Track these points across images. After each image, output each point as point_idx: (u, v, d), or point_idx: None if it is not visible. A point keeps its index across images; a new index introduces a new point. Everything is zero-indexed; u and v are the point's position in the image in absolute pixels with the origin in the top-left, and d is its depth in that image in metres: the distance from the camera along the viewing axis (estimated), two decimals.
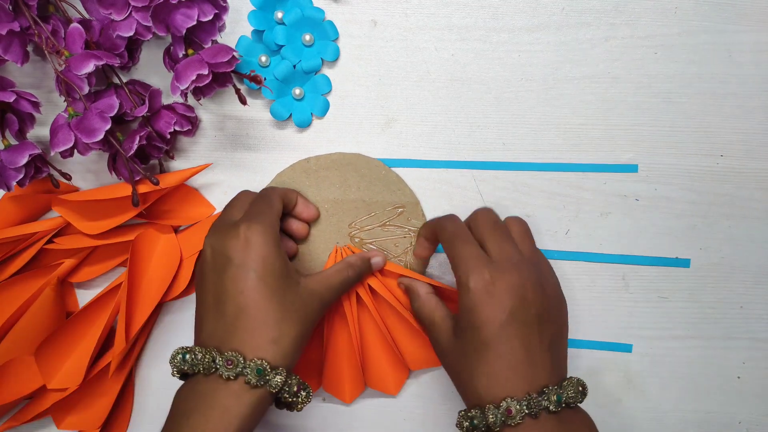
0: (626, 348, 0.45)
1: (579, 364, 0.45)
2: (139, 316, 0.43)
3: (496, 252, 0.38)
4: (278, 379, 0.35)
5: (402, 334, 0.44)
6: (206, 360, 0.35)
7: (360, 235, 0.44)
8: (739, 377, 0.45)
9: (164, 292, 0.43)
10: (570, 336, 0.40)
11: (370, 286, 0.43)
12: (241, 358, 0.34)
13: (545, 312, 0.37)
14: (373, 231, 0.44)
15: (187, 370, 0.35)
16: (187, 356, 0.35)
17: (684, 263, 0.44)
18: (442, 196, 0.45)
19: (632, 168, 0.44)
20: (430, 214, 0.45)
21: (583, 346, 0.45)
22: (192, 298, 0.45)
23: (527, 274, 0.37)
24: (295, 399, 0.36)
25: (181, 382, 0.37)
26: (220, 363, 0.34)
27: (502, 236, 0.39)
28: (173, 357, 0.36)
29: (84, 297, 0.46)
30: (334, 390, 0.44)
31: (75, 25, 0.38)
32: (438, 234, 0.40)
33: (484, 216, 0.40)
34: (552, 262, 0.44)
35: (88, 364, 0.42)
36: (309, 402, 0.37)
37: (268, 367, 0.34)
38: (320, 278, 0.40)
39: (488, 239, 0.38)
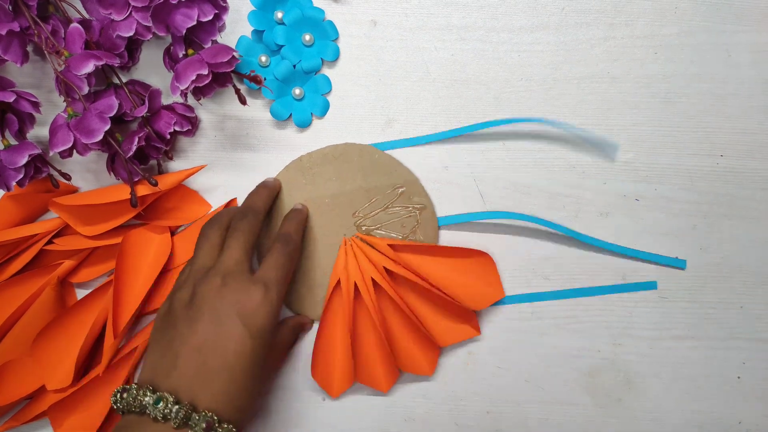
0: (651, 286, 0.44)
1: (580, 364, 0.45)
2: (127, 312, 0.42)
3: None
4: None
5: (427, 312, 0.44)
6: (181, 416, 0.32)
7: (366, 222, 0.44)
8: (739, 377, 0.45)
9: (161, 295, 0.43)
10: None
11: (385, 269, 0.43)
12: (195, 416, 0.32)
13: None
14: (377, 216, 0.44)
15: (164, 420, 0.32)
16: (167, 407, 0.32)
17: (680, 263, 0.44)
18: (443, 197, 0.45)
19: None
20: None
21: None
22: None
23: None
24: None
25: None
26: (197, 421, 0.32)
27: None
28: (151, 401, 0.33)
29: None
30: (369, 381, 0.44)
31: (75, 25, 0.38)
32: None
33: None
34: (553, 254, 0.45)
35: (77, 364, 0.42)
36: None
37: (216, 423, 0.32)
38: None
39: None
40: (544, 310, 0.45)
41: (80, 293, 0.46)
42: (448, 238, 0.45)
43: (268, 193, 0.42)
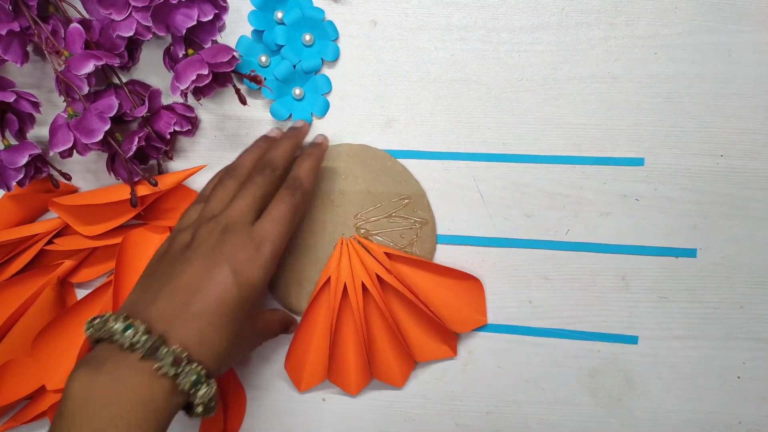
0: (632, 340, 0.45)
1: (581, 363, 0.45)
2: None
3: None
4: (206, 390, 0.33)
5: (409, 325, 0.44)
6: (149, 345, 0.31)
7: (366, 226, 0.44)
8: (739, 377, 0.45)
9: None
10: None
11: (377, 276, 0.43)
12: (164, 349, 0.32)
13: None
14: (378, 222, 0.44)
15: (131, 349, 0.31)
16: (136, 335, 0.31)
17: (691, 253, 0.44)
18: (443, 196, 0.45)
19: (638, 162, 0.44)
20: (433, 208, 0.45)
21: (587, 338, 0.45)
22: None
23: None
24: (205, 410, 0.33)
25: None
26: (165, 354, 0.31)
27: None
28: (120, 328, 0.32)
29: None
30: (340, 382, 0.44)
31: (75, 25, 0.38)
32: None
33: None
34: (553, 254, 0.45)
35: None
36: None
37: (184, 361, 0.32)
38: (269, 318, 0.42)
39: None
40: (545, 310, 0.45)
41: (80, 293, 0.46)
42: (444, 255, 0.45)
43: (291, 146, 0.41)
